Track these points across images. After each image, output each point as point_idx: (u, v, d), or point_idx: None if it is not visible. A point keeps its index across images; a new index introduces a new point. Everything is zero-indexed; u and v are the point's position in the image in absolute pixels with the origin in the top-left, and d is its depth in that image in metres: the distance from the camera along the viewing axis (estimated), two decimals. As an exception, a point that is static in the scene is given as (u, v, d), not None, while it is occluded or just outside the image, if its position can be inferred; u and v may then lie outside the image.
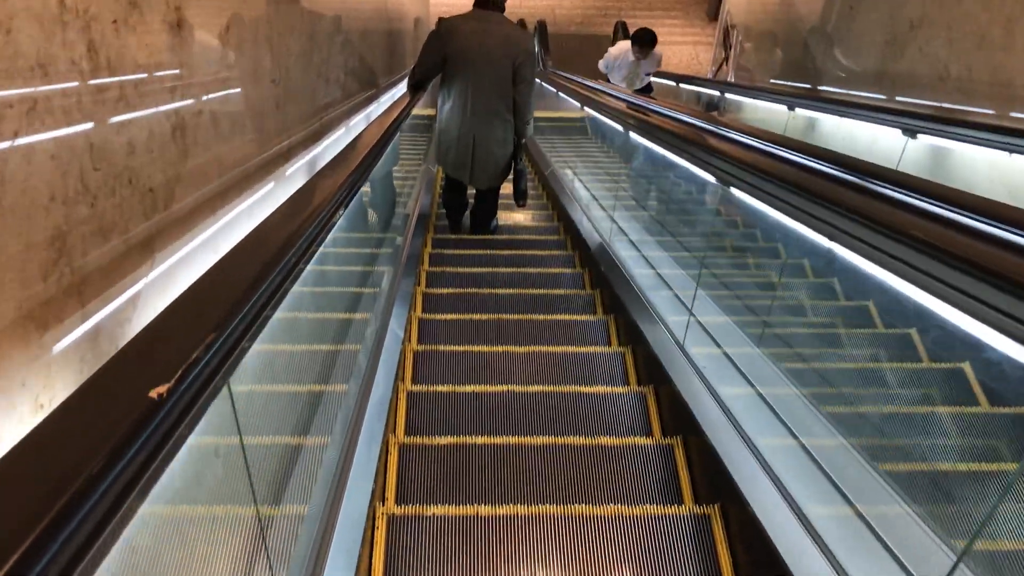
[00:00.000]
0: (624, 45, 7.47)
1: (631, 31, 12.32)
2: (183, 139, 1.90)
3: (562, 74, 7.65)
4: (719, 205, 2.90)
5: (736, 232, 2.94)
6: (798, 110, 5.77)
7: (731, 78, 9.49)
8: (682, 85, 9.19)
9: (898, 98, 4.68)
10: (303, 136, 3.03)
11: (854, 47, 5.32)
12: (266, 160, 2.58)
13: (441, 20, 4.35)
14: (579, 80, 6.49)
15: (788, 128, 5.81)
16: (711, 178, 2.62)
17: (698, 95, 8.80)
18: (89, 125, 1.48)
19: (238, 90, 2.35)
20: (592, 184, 5.57)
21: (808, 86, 6.15)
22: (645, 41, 7.15)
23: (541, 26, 11.80)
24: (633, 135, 3.82)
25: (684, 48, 13.75)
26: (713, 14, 14.08)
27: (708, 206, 3.09)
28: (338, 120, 3.70)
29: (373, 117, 3.77)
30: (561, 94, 6.78)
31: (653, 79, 11.50)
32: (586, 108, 5.42)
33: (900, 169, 2.39)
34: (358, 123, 4.17)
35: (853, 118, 4.76)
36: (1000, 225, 1.22)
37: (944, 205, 1.38)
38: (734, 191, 2.41)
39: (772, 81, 7.15)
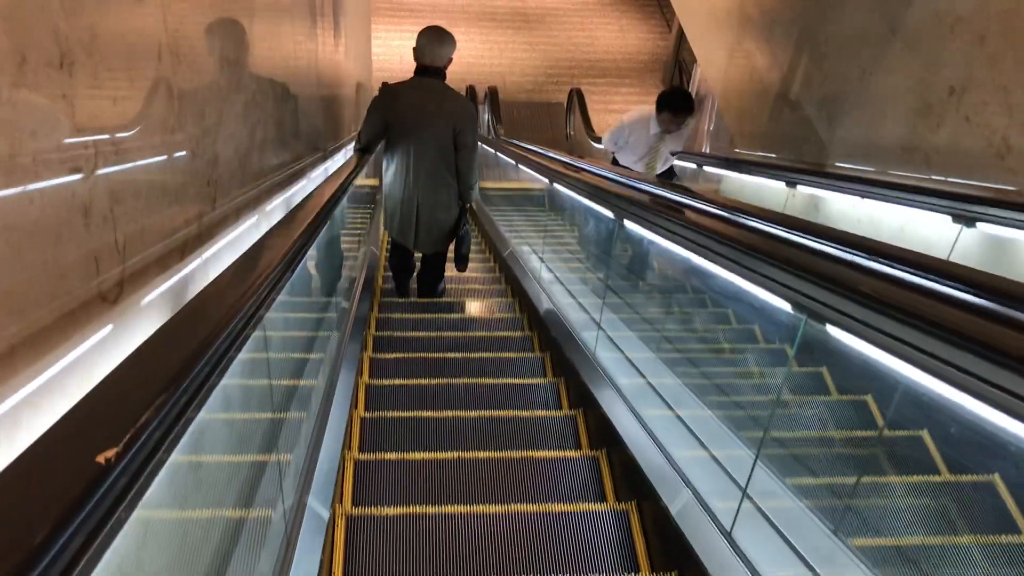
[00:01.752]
0: (642, 114, 5.25)
1: (586, 100, 11.20)
2: None
3: (524, 145, 6.54)
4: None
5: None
6: (800, 187, 4.93)
7: (706, 149, 8.41)
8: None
9: (934, 176, 3.83)
10: (157, 252, 1.88)
11: (871, 116, 4.38)
12: (56, 327, 1.39)
13: (383, 87, 4.40)
14: (543, 152, 5.61)
15: (788, 208, 5.02)
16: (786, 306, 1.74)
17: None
18: None
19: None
20: (566, 274, 4.73)
21: (810, 160, 5.16)
22: (682, 106, 4.99)
23: (492, 93, 11.50)
24: (631, 224, 2.98)
25: None
26: (669, 83, 14.09)
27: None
28: (237, 214, 2.61)
29: (296, 200, 3.11)
30: (521, 167, 5.76)
31: (602, 147, 9.88)
32: (555, 184, 4.53)
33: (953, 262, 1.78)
34: (276, 208, 3.22)
35: (879, 200, 4.04)
36: None
37: None
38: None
39: (762, 153, 6.04)
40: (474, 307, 5.23)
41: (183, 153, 2.07)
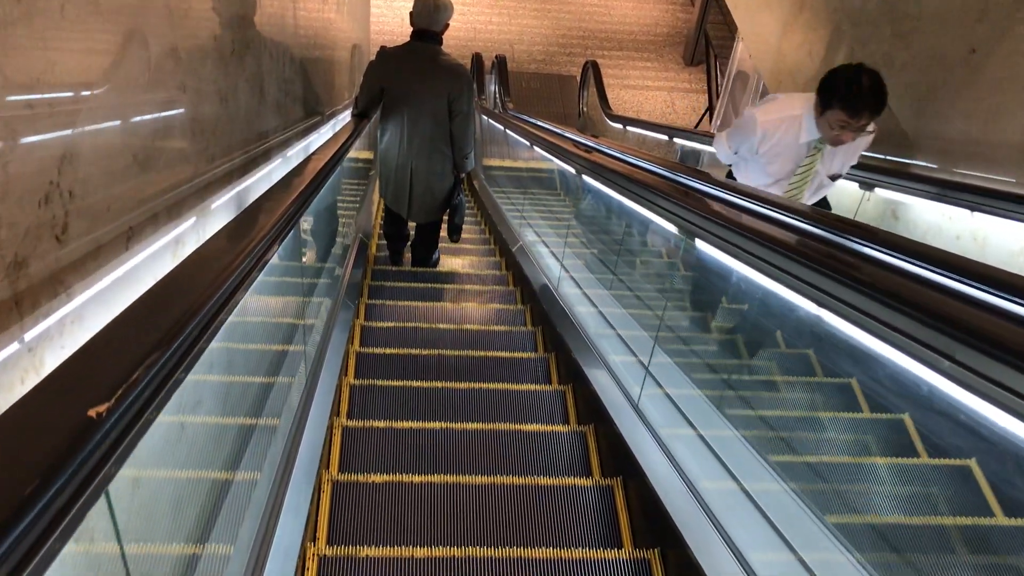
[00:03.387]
0: (790, 109, 3.11)
1: (607, 72, 10.09)
2: None
3: (541, 124, 5.80)
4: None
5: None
6: (879, 191, 3.84)
7: None
8: (679, 141, 6.74)
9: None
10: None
11: (981, 108, 3.37)
12: None
13: (381, 50, 4.39)
14: (570, 135, 4.65)
15: (860, 215, 4.06)
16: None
17: (697, 154, 6.50)
18: None
19: None
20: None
21: (888, 157, 4.05)
22: (870, 102, 2.80)
23: (500, 63, 10.47)
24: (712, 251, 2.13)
25: (658, 95, 12.61)
26: (690, 59, 13.44)
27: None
28: (127, 238, 1.75)
29: (252, 196, 2.54)
30: (538, 148, 4.84)
31: (632, 130, 8.39)
32: (587, 177, 3.63)
33: None
34: (221, 208, 2.50)
35: (992, 214, 3.12)
36: None
37: None
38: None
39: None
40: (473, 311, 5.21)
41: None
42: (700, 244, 2.19)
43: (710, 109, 11.13)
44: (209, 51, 2.36)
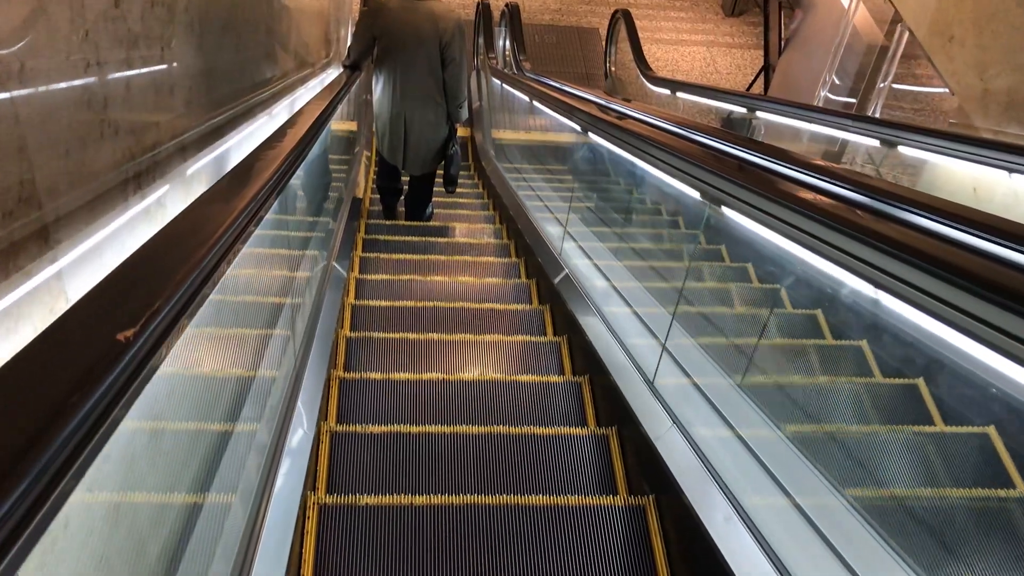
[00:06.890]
0: None
1: (636, 24, 8.40)
2: None
3: (590, 98, 4.34)
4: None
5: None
6: None
7: (876, 111, 5.52)
8: (764, 116, 5.01)
9: None
10: None
11: None
12: None
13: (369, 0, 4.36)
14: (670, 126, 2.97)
15: None
16: None
17: (795, 134, 4.85)
18: None
19: None
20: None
21: None
22: None
23: (512, 12, 8.81)
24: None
25: (696, 51, 10.96)
26: (731, 8, 11.63)
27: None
28: None
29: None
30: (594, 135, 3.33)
31: (685, 98, 7.25)
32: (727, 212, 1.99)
33: None
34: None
35: None
36: None
37: None
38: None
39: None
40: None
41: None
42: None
43: (765, 69, 9.58)
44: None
